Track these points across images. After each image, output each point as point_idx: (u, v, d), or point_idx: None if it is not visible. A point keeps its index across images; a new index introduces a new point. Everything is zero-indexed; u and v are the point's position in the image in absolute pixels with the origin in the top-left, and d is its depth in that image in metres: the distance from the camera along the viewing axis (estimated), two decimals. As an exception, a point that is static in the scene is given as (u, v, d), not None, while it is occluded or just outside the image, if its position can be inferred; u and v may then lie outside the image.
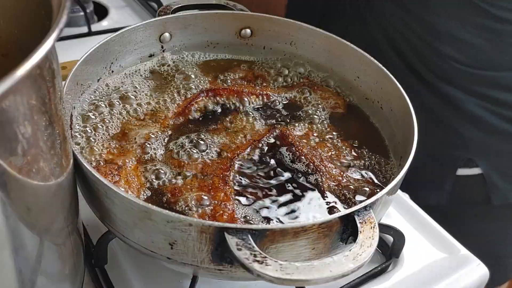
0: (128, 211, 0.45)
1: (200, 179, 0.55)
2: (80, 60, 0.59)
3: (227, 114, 0.65)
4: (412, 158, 0.51)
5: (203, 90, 0.67)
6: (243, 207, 0.52)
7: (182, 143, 0.59)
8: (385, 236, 0.64)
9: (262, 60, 0.75)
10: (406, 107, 0.58)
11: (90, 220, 0.61)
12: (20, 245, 0.37)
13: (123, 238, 0.49)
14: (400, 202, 0.73)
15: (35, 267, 0.40)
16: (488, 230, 1.03)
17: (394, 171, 0.59)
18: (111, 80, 0.66)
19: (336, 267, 0.40)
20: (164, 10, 0.71)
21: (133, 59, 0.69)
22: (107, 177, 0.52)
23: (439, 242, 0.68)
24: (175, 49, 0.73)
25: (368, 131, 0.66)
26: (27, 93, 0.32)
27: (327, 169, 0.57)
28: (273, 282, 0.39)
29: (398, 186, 0.52)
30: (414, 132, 0.54)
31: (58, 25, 0.31)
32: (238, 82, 0.70)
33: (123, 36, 0.66)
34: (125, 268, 0.59)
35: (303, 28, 0.72)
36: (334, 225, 0.44)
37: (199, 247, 0.44)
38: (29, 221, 0.37)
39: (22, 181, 0.34)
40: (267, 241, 0.43)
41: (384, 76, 0.64)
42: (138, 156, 0.57)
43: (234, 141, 0.60)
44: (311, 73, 0.74)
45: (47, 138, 0.36)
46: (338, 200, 0.55)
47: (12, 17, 0.43)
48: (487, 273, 0.65)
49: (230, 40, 0.74)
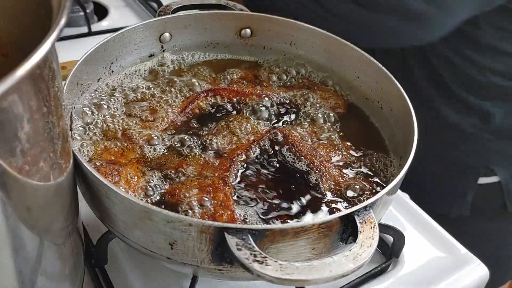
0: (128, 211, 0.45)
1: (200, 179, 0.55)
2: (80, 60, 0.59)
3: (227, 114, 0.65)
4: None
5: (203, 90, 0.67)
6: (243, 207, 0.52)
7: (182, 143, 0.59)
8: (385, 236, 0.65)
9: (262, 60, 0.75)
10: (406, 107, 0.58)
11: (90, 220, 0.61)
12: (20, 245, 0.37)
13: (123, 238, 0.49)
14: (400, 202, 0.73)
15: (35, 267, 0.40)
16: (492, 231, 1.03)
17: (394, 171, 0.59)
18: (111, 80, 0.66)
19: (336, 267, 0.40)
20: (164, 10, 0.71)
21: (133, 59, 0.69)
22: (107, 177, 0.52)
23: (439, 242, 0.68)
24: (175, 49, 0.73)
25: (368, 131, 0.66)
26: (27, 93, 0.32)
27: (327, 169, 0.57)
28: (273, 282, 0.39)
29: (398, 186, 0.52)
30: (414, 132, 0.54)
31: (58, 25, 0.31)
32: (238, 82, 0.70)
33: (123, 36, 0.66)
34: (125, 268, 0.59)
35: (303, 28, 0.72)
36: (334, 225, 0.44)
37: (199, 247, 0.44)
38: (29, 221, 0.37)
39: (22, 181, 0.34)
40: (267, 241, 0.43)
41: (384, 76, 0.64)
42: (138, 156, 0.57)
43: (234, 142, 0.60)
44: (311, 73, 0.74)
45: (47, 138, 0.36)
46: (338, 200, 0.55)
47: (12, 17, 0.43)
48: (487, 273, 0.65)
49: (230, 40, 0.74)
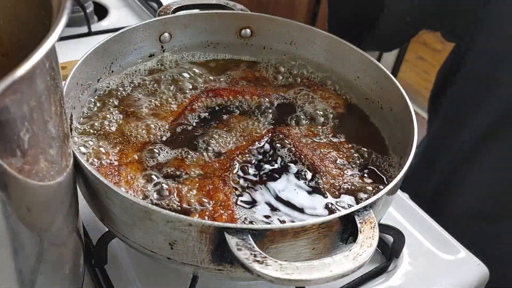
0: (128, 211, 0.45)
1: (200, 179, 0.55)
2: (80, 60, 0.59)
3: (227, 114, 0.65)
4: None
5: (203, 90, 0.67)
6: (243, 207, 0.52)
7: (182, 143, 0.59)
8: (385, 236, 0.65)
9: (262, 60, 0.76)
10: (406, 107, 0.58)
11: (90, 220, 0.61)
12: (20, 245, 0.37)
13: (123, 238, 0.49)
14: (400, 202, 0.73)
15: (35, 267, 0.40)
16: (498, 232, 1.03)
17: (394, 171, 0.59)
18: (111, 80, 0.66)
19: (336, 267, 0.40)
20: (164, 10, 0.71)
21: (133, 59, 0.69)
22: (107, 177, 0.52)
23: (439, 242, 0.68)
24: (175, 49, 0.73)
25: (368, 131, 0.66)
26: (27, 93, 0.32)
27: (327, 169, 0.57)
28: (273, 282, 0.39)
29: (398, 186, 0.52)
30: (414, 132, 0.54)
31: (58, 25, 0.31)
32: (238, 82, 0.70)
33: (123, 36, 0.66)
34: (125, 268, 0.59)
35: (303, 28, 0.72)
36: (334, 225, 0.44)
37: (199, 247, 0.44)
38: (29, 221, 0.37)
39: (22, 181, 0.34)
40: (267, 241, 0.43)
41: (384, 76, 0.64)
42: (138, 156, 0.57)
43: (234, 142, 0.60)
44: (311, 73, 0.74)
45: (47, 138, 0.36)
46: (338, 200, 0.55)
47: (12, 17, 0.43)
48: (487, 273, 0.65)
49: (230, 40, 0.74)
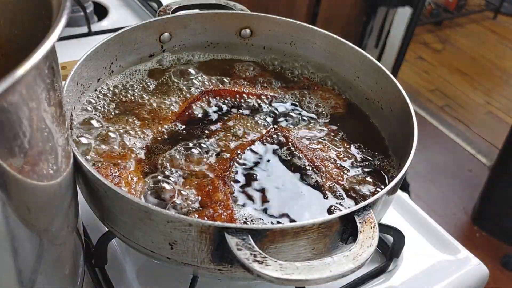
0: (128, 211, 0.45)
1: (200, 179, 0.55)
2: (80, 60, 0.59)
3: (227, 115, 0.65)
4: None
5: (203, 90, 0.67)
6: (242, 207, 0.52)
7: (182, 143, 0.59)
8: (385, 236, 0.65)
9: (262, 60, 0.76)
10: (406, 107, 0.58)
11: (90, 220, 0.61)
12: (20, 245, 0.37)
13: (123, 238, 0.49)
14: (400, 202, 0.73)
15: (35, 267, 0.40)
16: None
17: (394, 171, 0.59)
18: (111, 80, 0.66)
19: (336, 267, 0.40)
20: (164, 10, 0.71)
21: (133, 59, 0.69)
22: (108, 178, 0.52)
23: (439, 242, 0.68)
24: (175, 49, 0.73)
25: (368, 131, 0.66)
26: (27, 93, 0.32)
27: (327, 169, 0.57)
28: (273, 282, 0.39)
29: (398, 186, 0.52)
30: (414, 132, 0.54)
31: (58, 25, 0.31)
32: (238, 82, 0.70)
33: (123, 36, 0.66)
34: (125, 268, 0.59)
35: (303, 28, 0.72)
36: (334, 225, 0.44)
37: (199, 247, 0.44)
38: (29, 221, 0.37)
39: (22, 181, 0.34)
40: (267, 241, 0.43)
41: (384, 76, 0.64)
42: (138, 157, 0.57)
43: (233, 142, 0.60)
44: (311, 73, 0.74)
45: (47, 138, 0.36)
46: (338, 200, 0.55)
47: (12, 17, 0.43)
48: (487, 273, 0.65)
49: (230, 40, 0.74)
